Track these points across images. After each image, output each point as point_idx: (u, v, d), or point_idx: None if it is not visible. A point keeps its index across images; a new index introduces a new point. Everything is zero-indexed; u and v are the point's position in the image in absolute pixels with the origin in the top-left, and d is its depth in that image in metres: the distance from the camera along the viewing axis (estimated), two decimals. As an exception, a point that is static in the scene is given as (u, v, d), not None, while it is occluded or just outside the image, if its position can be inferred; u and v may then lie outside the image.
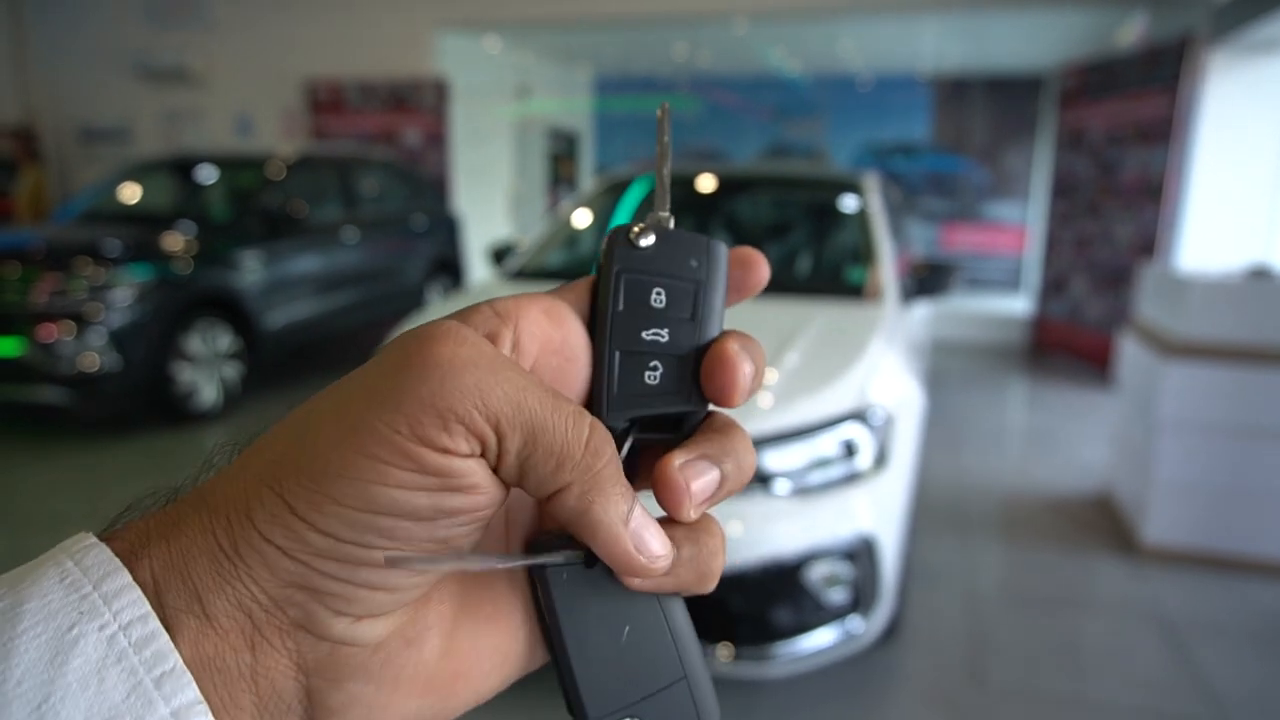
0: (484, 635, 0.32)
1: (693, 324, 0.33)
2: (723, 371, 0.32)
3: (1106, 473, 4.05)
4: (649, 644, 0.32)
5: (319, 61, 8.33)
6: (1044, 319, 7.31)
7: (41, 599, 0.24)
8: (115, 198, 5.86)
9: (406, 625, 0.29)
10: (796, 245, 3.85)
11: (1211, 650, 2.66)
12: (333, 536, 0.26)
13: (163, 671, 0.24)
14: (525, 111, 10.68)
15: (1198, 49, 5.57)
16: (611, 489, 0.29)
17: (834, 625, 2.16)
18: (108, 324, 4.35)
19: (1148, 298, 3.59)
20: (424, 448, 0.26)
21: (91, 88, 8.96)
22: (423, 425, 0.26)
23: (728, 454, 0.32)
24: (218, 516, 0.27)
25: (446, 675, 0.30)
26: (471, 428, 0.27)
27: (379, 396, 0.27)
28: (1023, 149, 10.46)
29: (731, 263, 0.34)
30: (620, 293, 0.32)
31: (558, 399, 0.29)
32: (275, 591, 0.27)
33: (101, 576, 0.25)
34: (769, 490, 2.12)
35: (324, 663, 0.28)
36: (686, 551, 0.31)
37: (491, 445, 0.27)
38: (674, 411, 0.33)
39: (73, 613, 0.24)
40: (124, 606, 0.25)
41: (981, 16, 7.69)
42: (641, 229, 0.33)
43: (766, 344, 2.15)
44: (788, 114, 12.45)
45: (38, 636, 0.24)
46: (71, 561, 0.26)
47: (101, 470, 4.19)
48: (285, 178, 5.73)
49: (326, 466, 0.26)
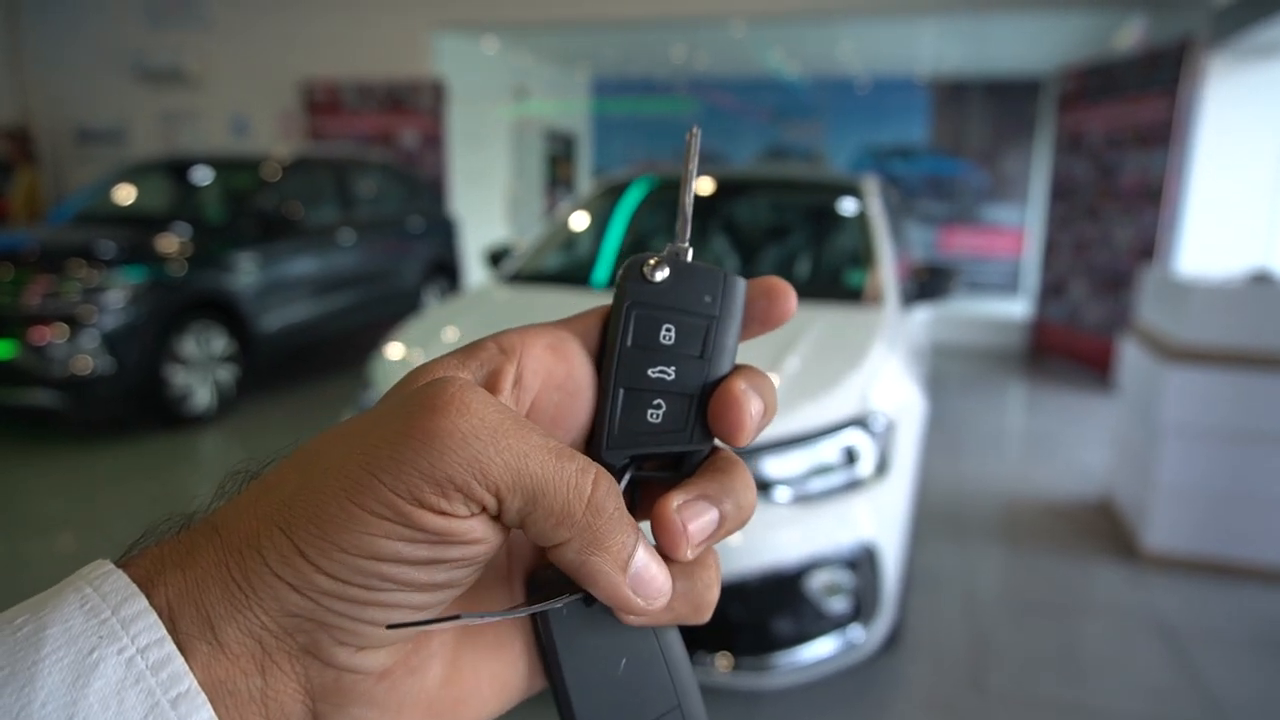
0: (485, 663, 0.33)
1: (702, 361, 0.32)
2: (730, 411, 0.32)
3: (1107, 477, 4.03)
4: (645, 674, 0.33)
5: (316, 62, 8.30)
6: (1043, 322, 7.30)
7: (63, 624, 0.26)
8: (110, 199, 5.82)
9: (410, 654, 0.31)
10: (796, 249, 3.83)
11: (1213, 657, 2.64)
12: (339, 580, 0.27)
13: (179, 693, 0.26)
14: (523, 113, 10.66)
15: (1197, 52, 5.56)
16: (613, 539, 0.30)
17: (835, 635, 2.13)
18: (101, 326, 4.32)
19: (1149, 302, 3.57)
20: (424, 510, 0.27)
21: (87, 88, 8.92)
22: (422, 492, 0.27)
23: (727, 494, 0.32)
24: (230, 550, 0.28)
25: (449, 702, 0.31)
26: (470, 495, 0.27)
27: (380, 461, 0.27)
28: (1021, 152, 10.46)
29: (756, 293, 0.34)
30: (629, 329, 0.32)
31: (561, 458, 0.29)
32: (284, 621, 0.28)
33: (119, 602, 0.26)
34: (769, 498, 2.09)
35: (330, 688, 0.29)
36: (682, 586, 0.32)
37: (492, 507, 0.28)
38: (674, 451, 0.33)
39: (93, 637, 0.25)
40: (141, 630, 0.26)
41: (980, 19, 7.68)
42: (657, 261, 0.33)
43: (766, 348, 2.11)
44: (786, 116, 12.44)
45: (60, 660, 0.25)
46: (91, 588, 0.27)
47: (95, 474, 4.15)
48: (281, 179, 5.70)
49: (333, 517, 0.27)
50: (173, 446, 4.56)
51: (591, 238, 3.87)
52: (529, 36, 9.57)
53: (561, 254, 3.86)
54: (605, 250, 3.71)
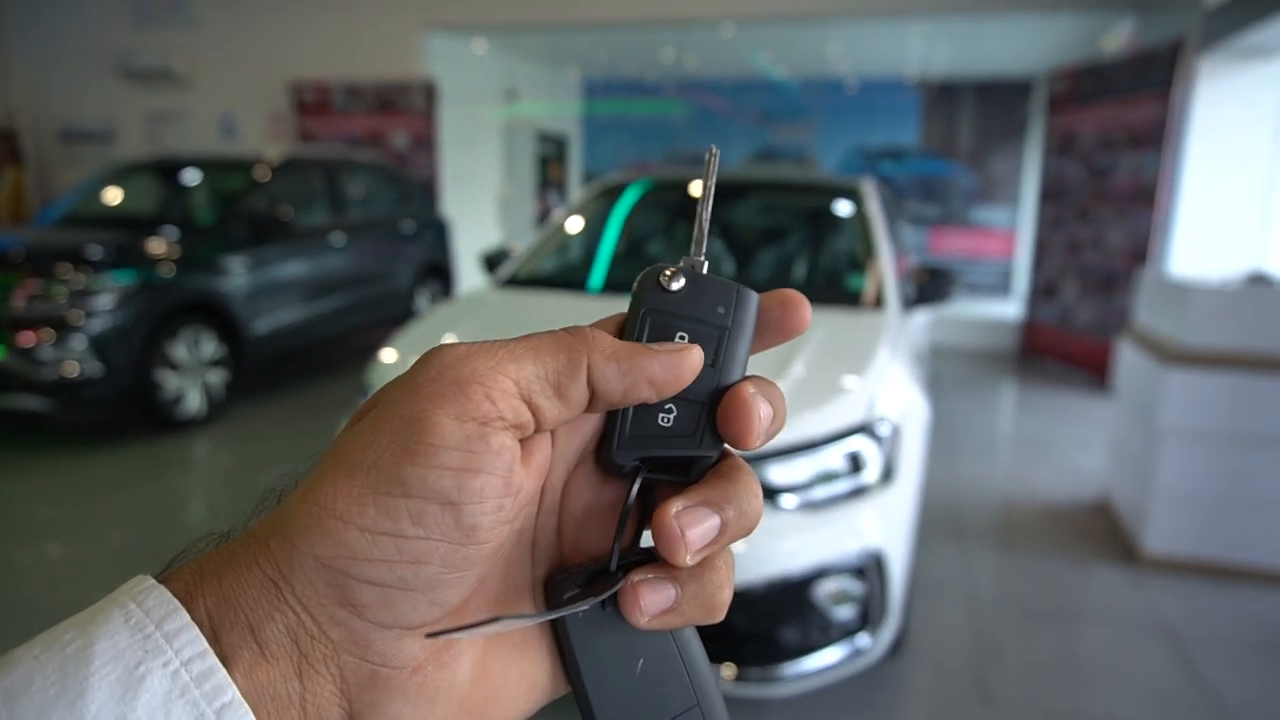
0: (513, 662, 0.33)
1: (714, 370, 0.33)
2: (739, 414, 0.33)
3: (1104, 480, 4.03)
4: (663, 674, 0.34)
5: (305, 63, 8.23)
6: (1034, 323, 7.32)
7: (110, 639, 0.26)
8: (97, 200, 5.75)
9: (441, 650, 0.31)
10: (795, 252, 3.81)
11: (1215, 660, 2.64)
12: (371, 531, 0.28)
13: (223, 704, 0.26)
14: (513, 114, 10.62)
15: (1189, 54, 5.58)
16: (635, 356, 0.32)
17: (842, 643, 2.11)
18: (89, 330, 4.26)
19: (1146, 304, 3.57)
20: (459, 419, 0.29)
21: (73, 88, 8.82)
22: (458, 403, 0.29)
23: (730, 500, 0.32)
24: (261, 545, 0.29)
25: (479, 700, 0.32)
26: (501, 406, 0.30)
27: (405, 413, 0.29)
28: (1012, 153, 10.50)
29: (772, 303, 0.35)
30: (644, 334, 0.33)
31: (551, 345, 0.31)
32: (319, 613, 0.28)
33: (162, 617, 0.27)
34: (776, 505, 2.07)
35: (365, 686, 0.29)
36: (691, 589, 0.32)
37: (524, 413, 0.30)
38: (683, 455, 0.34)
39: (139, 651, 0.26)
40: (184, 644, 0.27)
41: (970, 21, 7.69)
42: (674, 272, 0.34)
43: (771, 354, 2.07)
44: (776, 118, 12.45)
45: (109, 675, 0.26)
46: (134, 603, 0.27)
47: (85, 479, 4.09)
48: (271, 181, 5.64)
49: (359, 462, 0.29)
50: (163, 451, 4.51)
51: (587, 242, 3.84)
52: (519, 38, 9.53)
53: (557, 258, 3.83)
54: (601, 254, 3.68)
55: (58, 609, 2.38)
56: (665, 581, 0.32)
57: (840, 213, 3.75)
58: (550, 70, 11.63)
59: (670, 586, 0.32)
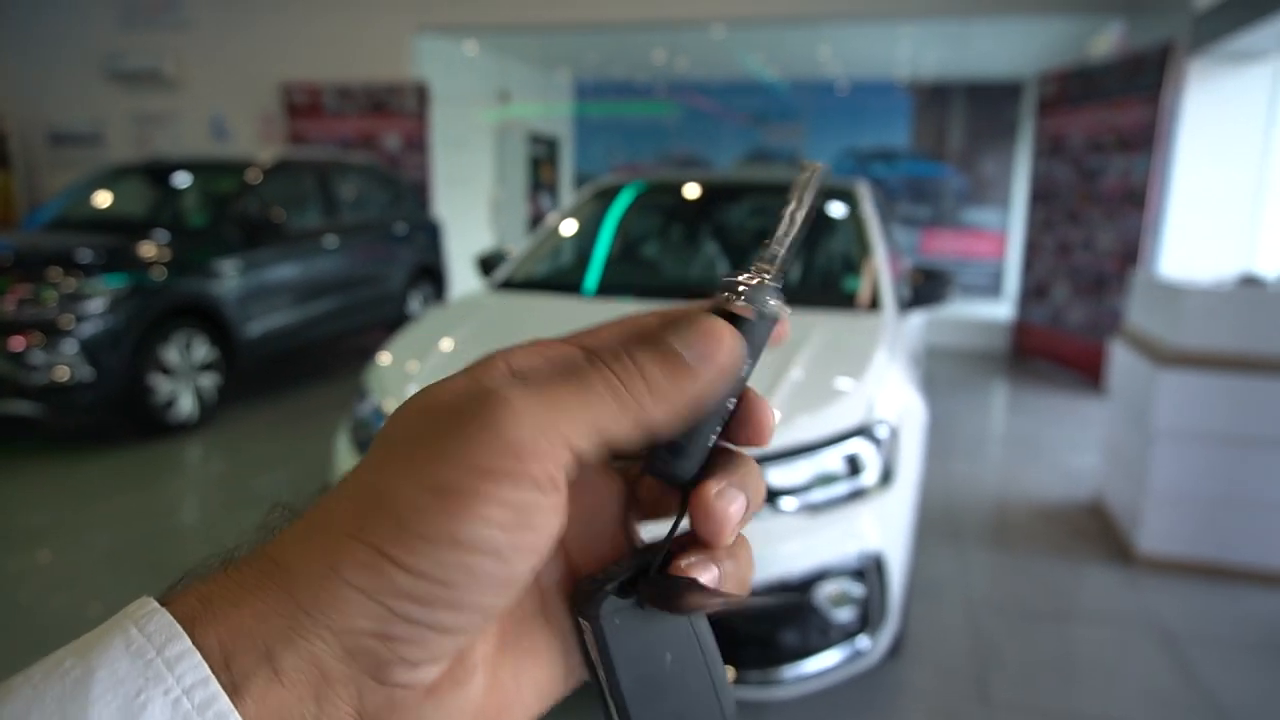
0: (524, 669, 0.33)
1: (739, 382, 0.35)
2: (757, 414, 0.34)
3: (1098, 480, 4.05)
4: (686, 668, 0.35)
5: (296, 65, 8.20)
6: (1025, 324, 7.35)
7: (110, 667, 0.26)
8: (87, 204, 5.71)
9: (455, 667, 0.31)
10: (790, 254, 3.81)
11: (1211, 660, 2.65)
12: (419, 575, 0.27)
13: None
14: (505, 116, 10.61)
15: (1178, 57, 5.62)
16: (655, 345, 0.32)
17: (841, 645, 2.11)
18: (80, 334, 4.23)
19: (1139, 306, 3.59)
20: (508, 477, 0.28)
21: (61, 90, 8.76)
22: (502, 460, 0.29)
23: (747, 479, 0.34)
24: (296, 575, 0.28)
25: (492, 711, 0.32)
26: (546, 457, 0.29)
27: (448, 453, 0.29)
28: (1002, 155, 10.55)
29: None
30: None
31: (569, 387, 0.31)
32: (350, 642, 0.28)
33: (164, 642, 0.26)
34: (775, 507, 2.07)
35: (382, 708, 0.29)
36: (728, 567, 0.34)
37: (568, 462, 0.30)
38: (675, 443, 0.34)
39: (139, 679, 0.26)
40: (186, 671, 0.26)
41: (960, 23, 7.73)
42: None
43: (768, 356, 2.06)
44: (767, 120, 12.48)
45: (109, 704, 0.25)
46: (136, 628, 0.27)
47: (76, 485, 4.06)
48: (263, 183, 5.62)
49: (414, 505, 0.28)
50: (155, 456, 4.48)
51: (582, 244, 3.83)
52: (510, 40, 9.52)
53: (553, 260, 3.83)
54: (596, 256, 3.68)
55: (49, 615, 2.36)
56: (710, 563, 0.34)
57: (835, 215, 3.76)
58: (541, 72, 11.62)
59: (714, 567, 0.34)
